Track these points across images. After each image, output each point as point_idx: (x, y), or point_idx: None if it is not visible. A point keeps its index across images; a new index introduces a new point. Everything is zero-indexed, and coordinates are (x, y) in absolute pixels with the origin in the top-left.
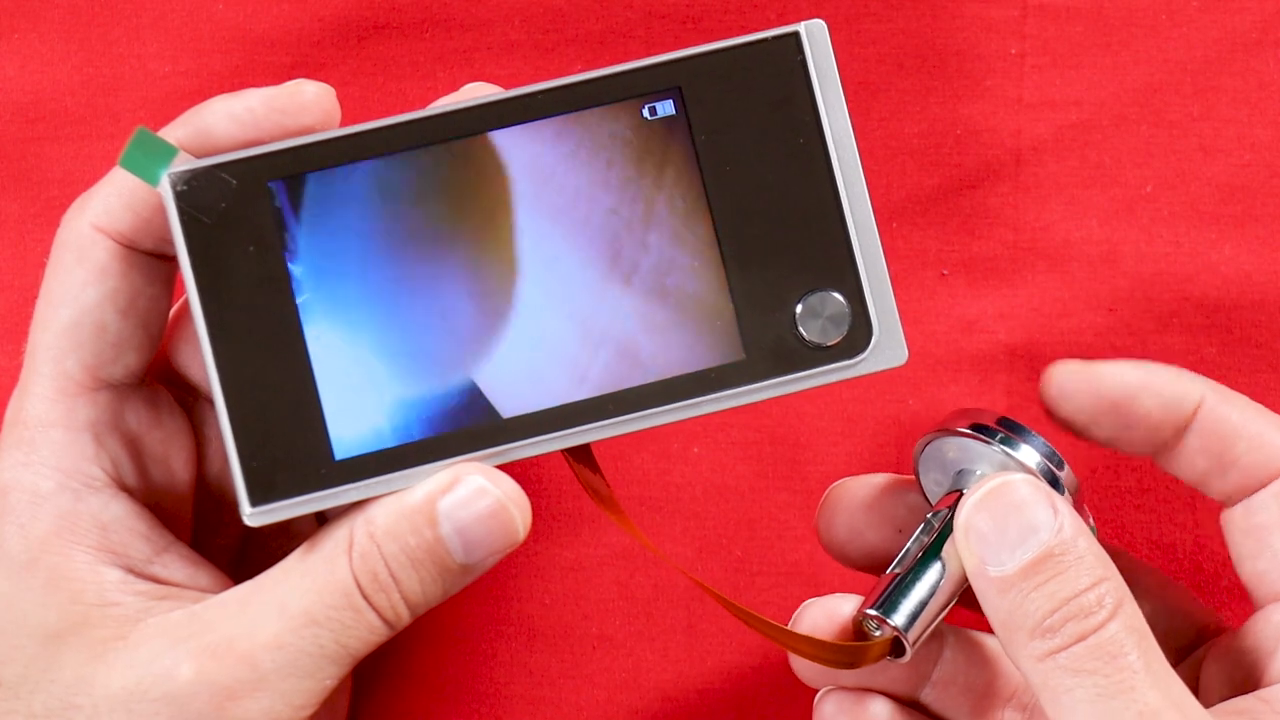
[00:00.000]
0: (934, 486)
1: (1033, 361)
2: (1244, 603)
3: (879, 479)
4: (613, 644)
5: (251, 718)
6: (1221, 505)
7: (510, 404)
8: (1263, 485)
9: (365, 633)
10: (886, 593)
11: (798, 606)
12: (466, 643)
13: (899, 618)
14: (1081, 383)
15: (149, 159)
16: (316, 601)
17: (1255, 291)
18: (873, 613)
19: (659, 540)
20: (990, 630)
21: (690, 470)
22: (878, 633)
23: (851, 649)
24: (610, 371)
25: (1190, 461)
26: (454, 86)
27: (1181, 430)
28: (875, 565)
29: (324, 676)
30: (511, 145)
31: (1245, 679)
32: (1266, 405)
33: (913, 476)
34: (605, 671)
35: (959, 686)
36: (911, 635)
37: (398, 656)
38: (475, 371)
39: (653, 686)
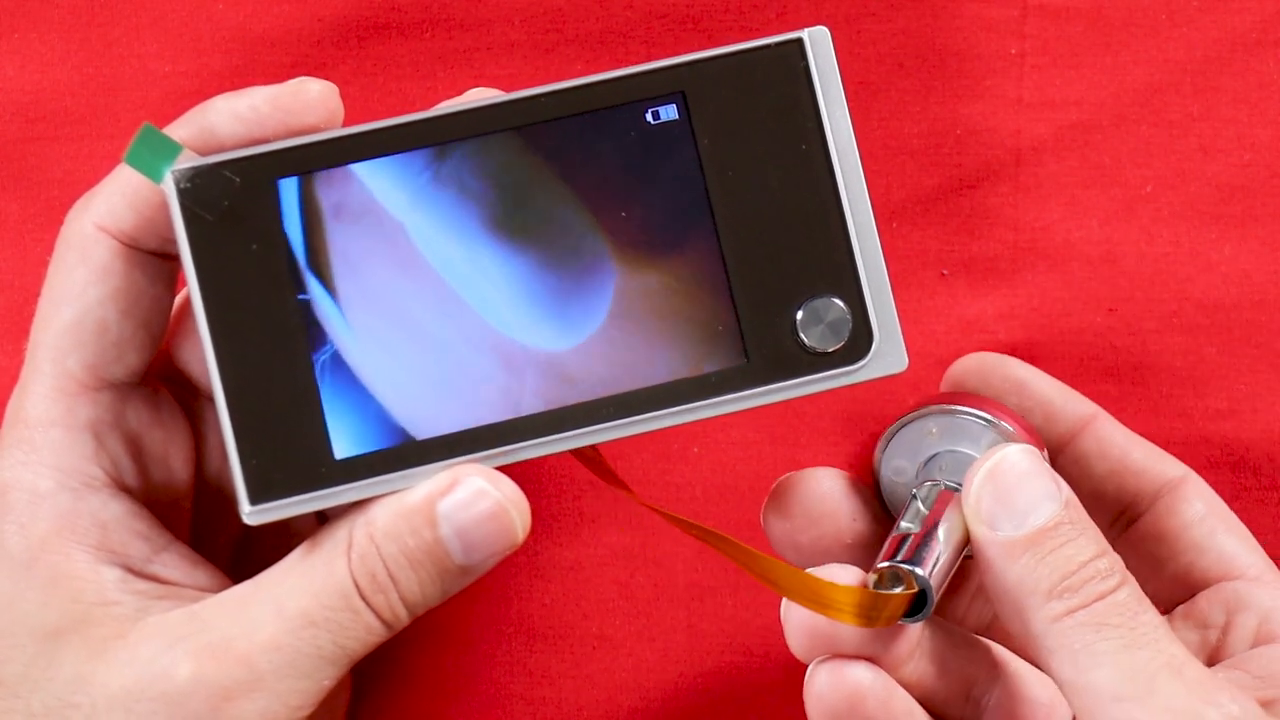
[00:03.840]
0: (894, 476)
1: (1033, 361)
2: None
3: (827, 470)
4: (613, 644)
5: (248, 718)
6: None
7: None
8: (1159, 493)
9: (363, 634)
10: (905, 548)
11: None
12: (466, 643)
13: (923, 569)
14: (986, 362)
15: (153, 156)
16: (314, 602)
17: (1255, 291)
18: (889, 564)
19: (659, 540)
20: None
21: (690, 470)
22: (897, 589)
23: (871, 598)
24: (611, 375)
25: (1089, 464)
26: (454, 86)
27: (1074, 433)
28: (821, 557)
29: (321, 677)
30: (513, 148)
31: (1195, 655)
32: (1266, 405)
33: (854, 471)
34: (605, 671)
35: (936, 667)
36: (933, 590)
37: (398, 657)
38: (476, 371)
39: (653, 686)
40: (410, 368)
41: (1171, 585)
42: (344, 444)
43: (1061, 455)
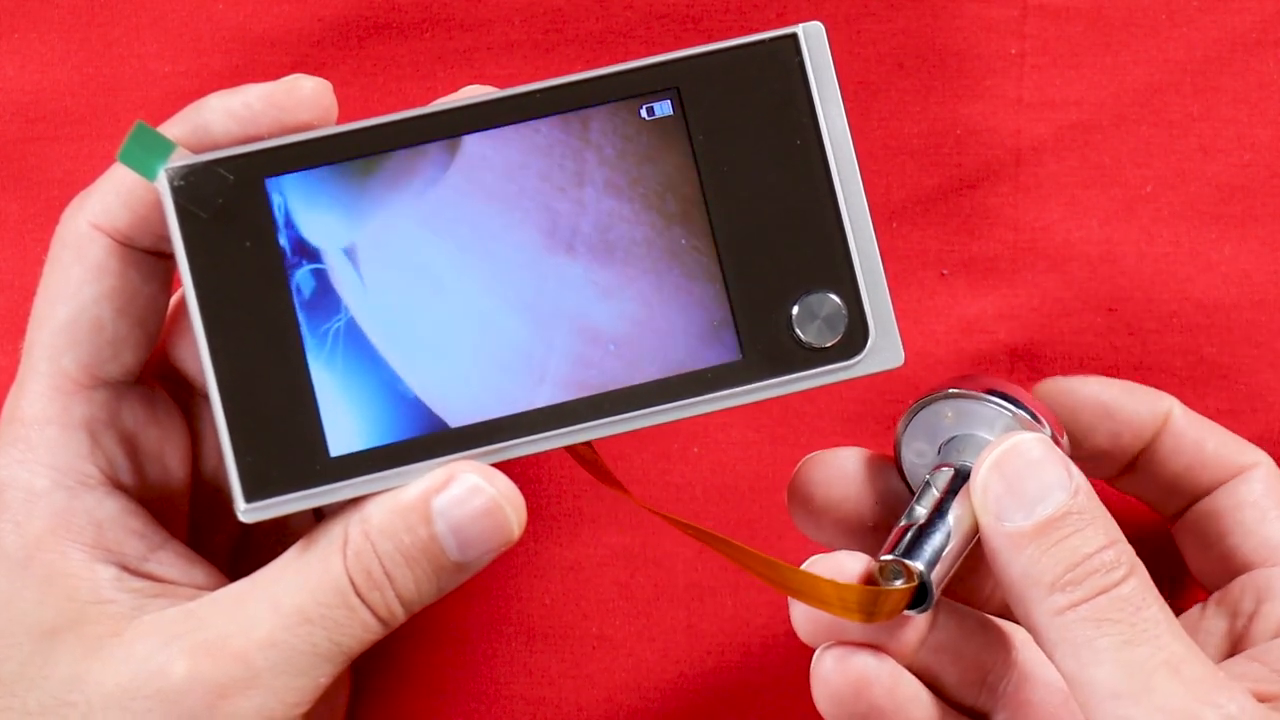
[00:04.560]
0: (915, 458)
1: (1033, 361)
2: None
3: (854, 451)
4: (613, 644)
5: (244, 715)
6: (1172, 523)
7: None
8: (1228, 479)
9: (359, 631)
10: (906, 540)
11: None
12: (466, 643)
13: (922, 563)
14: (1068, 393)
15: (147, 154)
16: (310, 599)
17: (1255, 291)
18: (890, 559)
19: (659, 540)
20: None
21: (690, 470)
22: (897, 582)
23: (871, 594)
24: (608, 370)
25: (1164, 464)
26: (454, 86)
27: (1159, 433)
28: (845, 539)
29: (318, 674)
30: (508, 144)
31: (1220, 644)
32: (1267, 405)
33: (884, 454)
34: (605, 671)
35: (950, 654)
36: (934, 584)
37: (397, 656)
38: (472, 368)
39: (653, 686)
40: (405, 364)
41: (1217, 566)
42: (339, 441)
43: (1137, 462)
